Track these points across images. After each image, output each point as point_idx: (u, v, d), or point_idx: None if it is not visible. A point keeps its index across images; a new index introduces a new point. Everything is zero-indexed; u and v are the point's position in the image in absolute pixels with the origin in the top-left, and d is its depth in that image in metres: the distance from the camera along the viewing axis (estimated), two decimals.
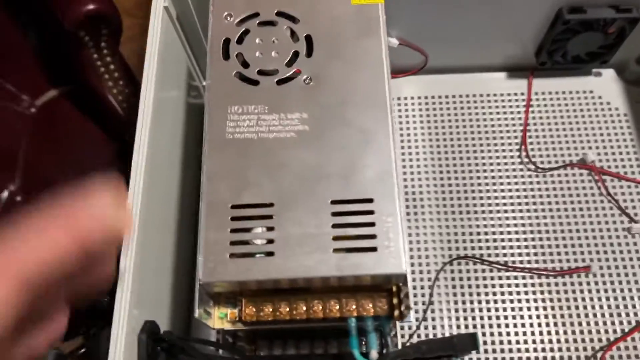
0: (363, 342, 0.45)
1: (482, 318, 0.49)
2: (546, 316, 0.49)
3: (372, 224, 0.38)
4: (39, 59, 1.04)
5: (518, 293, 0.50)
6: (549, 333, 0.48)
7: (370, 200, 0.39)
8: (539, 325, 0.49)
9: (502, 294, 0.50)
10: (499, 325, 0.49)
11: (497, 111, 0.57)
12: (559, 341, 0.48)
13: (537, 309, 0.49)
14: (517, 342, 0.48)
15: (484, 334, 0.49)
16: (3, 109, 0.95)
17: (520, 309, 0.49)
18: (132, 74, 0.99)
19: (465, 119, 0.57)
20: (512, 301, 0.50)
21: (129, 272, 0.39)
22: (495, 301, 0.50)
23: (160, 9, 0.48)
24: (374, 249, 0.37)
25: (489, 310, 0.50)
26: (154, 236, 0.44)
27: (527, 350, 0.48)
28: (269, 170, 0.40)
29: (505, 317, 0.49)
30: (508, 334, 0.49)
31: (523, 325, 0.49)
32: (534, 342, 0.48)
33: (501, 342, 0.48)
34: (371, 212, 0.38)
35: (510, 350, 0.48)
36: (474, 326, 0.49)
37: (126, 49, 0.95)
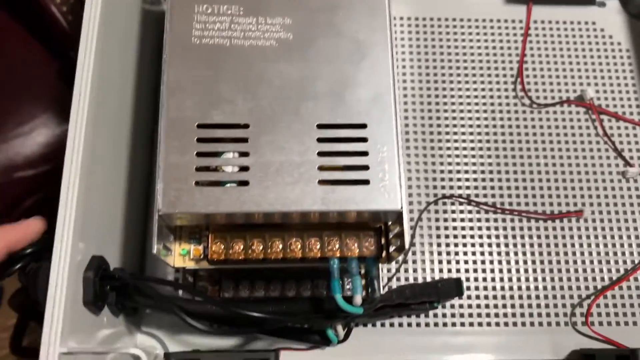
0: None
1: (466, 262, 0.46)
2: (534, 262, 0.46)
3: (364, 153, 0.33)
4: None
5: (505, 237, 0.46)
6: (535, 280, 0.45)
7: (363, 126, 0.33)
8: (526, 271, 0.46)
9: (489, 237, 0.46)
10: (484, 270, 0.46)
11: (492, 38, 0.52)
12: (545, 288, 0.45)
13: (524, 253, 0.46)
14: (502, 288, 0.45)
15: (467, 279, 0.45)
16: None
17: (507, 253, 0.46)
18: None
19: (458, 45, 0.51)
20: (498, 245, 0.46)
21: (71, 199, 0.32)
22: (482, 244, 0.46)
23: None
24: (366, 182, 0.32)
25: (474, 254, 0.46)
26: (102, 160, 0.37)
27: (512, 297, 0.45)
28: (244, 85, 0.33)
29: (491, 262, 0.46)
30: (493, 279, 0.45)
31: (509, 270, 0.46)
32: (519, 288, 0.45)
33: (485, 288, 0.45)
34: (364, 140, 0.33)
35: (495, 297, 0.45)
36: (458, 270, 0.45)
37: None
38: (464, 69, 0.51)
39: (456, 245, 0.46)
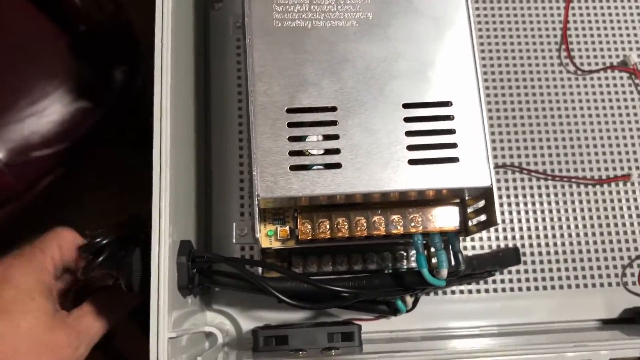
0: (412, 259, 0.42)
1: (520, 229, 0.47)
2: (584, 226, 0.47)
3: (451, 132, 0.33)
4: None
5: (557, 202, 0.48)
6: (587, 243, 0.47)
7: (448, 104, 0.34)
8: (577, 235, 0.47)
9: (541, 203, 0.48)
10: (537, 236, 0.47)
11: (535, 6, 0.52)
12: (596, 250, 0.47)
13: (575, 218, 0.48)
14: (556, 252, 0.47)
15: (522, 246, 0.47)
16: None
17: (559, 218, 0.48)
18: None
19: (502, 13, 0.51)
20: (550, 211, 0.48)
21: (164, 187, 0.32)
22: (534, 211, 0.47)
23: None
24: (455, 160, 0.33)
25: (527, 220, 0.47)
26: (180, 148, 0.37)
27: (565, 260, 0.47)
28: (328, 67, 0.34)
29: (544, 228, 0.47)
30: (547, 244, 0.47)
31: (562, 235, 0.47)
32: (572, 252, 0.47)
33: (540, 253, 0.47)
34: (450, 118, 0.33)
35: (549, 261, 0.47)
36: (513, 237, 0.47)
37: None
38: (509, 37, 0.51)
39: (510, 213, 0.47)
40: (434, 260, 0.36)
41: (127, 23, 0.86)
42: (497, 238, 0.47)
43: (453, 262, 0.36)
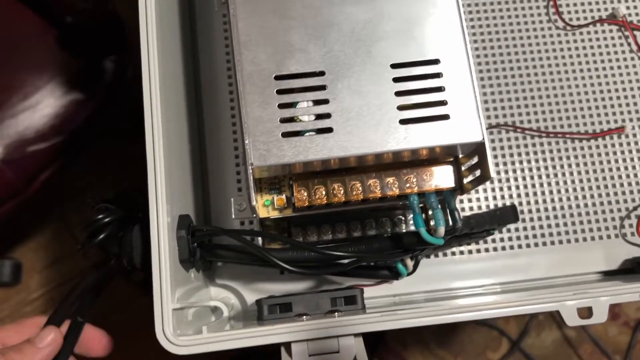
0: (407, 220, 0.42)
1: (517, 187, 0.47)
2: (581, 180, 0.48)
3: (441, 89, 0.33)
4: None
5: (552, 159, 0.48)
6: (584, 197, 0.47)
7: (436, 61, 0.34)
8: (574, 190, 0.47)
9: (537, 160, 0.48)
10: (534, 193, 0.47)
11: None
12: (594, 204, 0.47)
13: (571, 173, 0.48)
14: (554, 208, 0.47)
15: (520, 204, 0.47)
16: None
17: (555, 174, 0.48)
18: None
19: None
20: (546, 167, 0.48)
21: (158, 165, 0.33)
22: (530, 169, 0.48)
23: None
24: (446, 117, 0.33)
25: (523, 179, 0.47)
26: (171, 124, 0.37)
27: (563, 216, 0.47)
28: (314, 31, 0.33)
29: (541, 185, 0.47)
30: (544, 200, 0.47)
31: (559, 191, 0.47)
32: (569, 207, 0.47)
33: (538, 210, 0.47)
34: (439, 75, 0.33)
35: (547, 217, 0.47)
36: (510, 196, 0.47)
37: None
38: None
39: (506, 172, 0.48)
40: (432, 223, 0.36)
41: (113, 12, 0.86)
42: (495, 197, 0.47)
43: (450, 221, 0.37)
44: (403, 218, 0.42)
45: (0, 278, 1.18)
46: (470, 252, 0.46)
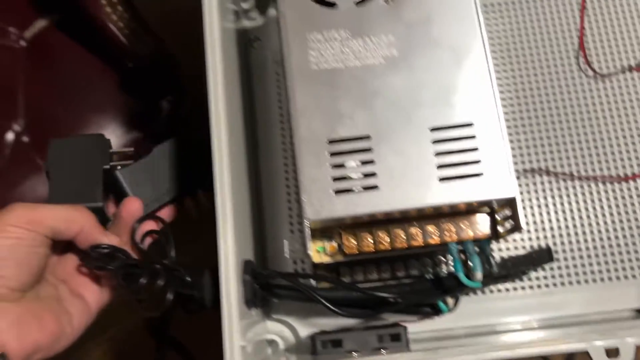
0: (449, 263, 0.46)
1: (551, 228, 0.50)
2: (613, 221, 0.50)
3: (475, 150, 0.37)
4: None
5: (585, 201, 0.51)
6: (616, 237, 0.50)
7: (470, 125, 0.38)
8: (607, 230, 0.50)
9: (570, 202, 0.51)
10: (568, 234, 0.50)
11: (551, 16, 0.55)
12: (626, 244, 0.50)
13: (604, 215, 0.50)
14: (587, 248, 0.50)
15: (554, 243, 0.50)
16: None
17: (588, 216, 0.50)
18: None
19: (520, 27, 0.55)
20: (579, 209, 0.51)
21: (228, 213, 0.37)
22: (564, 210, 0.51)
23: None
24: (479, 175, 0.37)
25: (557, 220, 0.50)
26: (236, 173, 0.42)
27: (596, 255, 0.49)
28: (361, 101, 0.38)
29: (574, 226, 0.50)
30: (578, 241, 0.50)
31: (592, 232, 0.50)
32: (602, 247, 0.50)
33: (572, 250, 0.50)
34: (473, 137, 0.37)
35: (581, 257, 0.50)
36: (545, 237, 0.50)
37: None
38: (528, 49, 0.54)
39: (540, 214, 0.51)
40: (469, 264, 0.40)
41: (170, 57, 0.93)
42: (530, 239, 0.50)
43: (487, 265, 0.40)
44: (444, 259, 0.46)
45: None
46: (507, 290, 0.49)
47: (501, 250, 0.50)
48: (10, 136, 0.81)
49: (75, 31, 0.92)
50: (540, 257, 0.47)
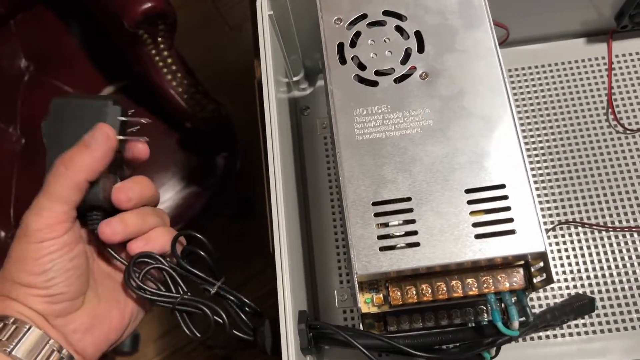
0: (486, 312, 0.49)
1: (588, 277, 0.53)
2: None
3: (507, 209, 0.41)
4: (88, 57, 1.07)
5: (620, 251, 0.53)
6: None
7: (502, 186, 0.42)
8: None
9: (605, 253, 0.53)
10: (605, 283, 0.53)
11: (579, 77, 0.59)
12: None
13: (639, 264, 0.53)
14: (625, 296, 0.52)
15: (592, 292, 0.52)
16: None
17: (624, 265, 0.53)
18: (187, 65, 1.02)
19: (550, 88, 0.59)
20: (615, 259, 0.53)
21: (285, 268, 0.42)
22: (600, 261, 0.53)
23: (266, 16, 0.50)
24: (512, 232, 0.40)
25: (594, 270, 0.53)
26: (290, 229, 0.47)
27: (635, 303, 0.52)
28: (401, 166, 0.43)
29: (611, 275, 0.53)
30: (615, 289, 0.52)
31: (629, 280, 0.52)
32: (639, 295, 0.52)
33: (609, 298, 0.52)
34: (505, 198, 0.41)
35: (619, 305, 0.52)
36: (582, 286, 0.53)
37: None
38: (559, 108, 0.58)
39: (577, 264, 0.53)
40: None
41: (226, 117, 1.01)
42: (568, 287, 0.53)
43: (524, 316, 0.43)
44: (485, 308, 0.49)
45: (122, 348, 1.32)
46: (547, 337, 0.52)
47: (540, 299, 0.53)
48: None
49: (140, 96, 1.02)
50: (583, 307, 0.49)
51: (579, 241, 0.54)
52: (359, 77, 0.45)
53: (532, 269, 0.43)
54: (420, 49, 0.46)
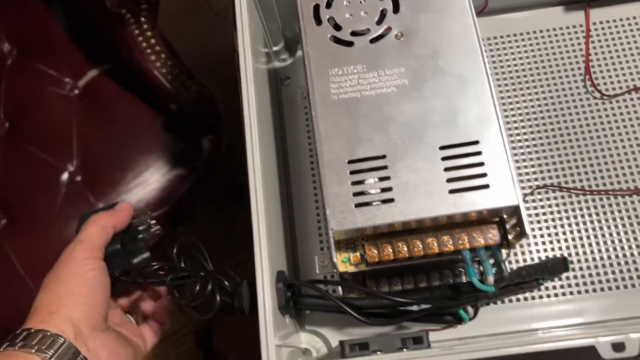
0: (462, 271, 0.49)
1: (565, 240, 0.53)
2: (626, 232, 0.53)
3: (481, 164, 0.41)
4: (71, 41, 1.06)
5: (597, 214, 0.54)
6: (630, 247, 0.53)
7: (476, 142, 0.42)
8: (620, 241, 0.53)
9: (582, 216, 0.54)
10: (582, 245, 0.53)
11: (558, 45, 0.59)
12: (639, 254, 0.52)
13: (616, 226, 0.53)
14: (601, 258, 0.52)
15: (569, 254, 0.53)
16: (48, 94, 0.98)
17: (601, 228, 0.53)
18: (171, 46, 1.01)
19: (528, 55, 0.59)
20: (592, 222, 0.54)
21: (262, 229, 0.42)
22: (577, 223, 0.54)
23: None
24: (486, 186, 0.41)
25: (571, 232, 0.54)
26: (268, 192, 0.47)
27: (610, 264, 0.52)
28: (377, 125, 0.43)
29: (588, 237, 0.53)
30: (592, 252, 0.53)
31: (605, 242, 0.53)
32: (616, 256, 0.52)
33: (586, 260, 0.53)
34: (479, 153, 0.42)
35: (596, 267, 0.52)
36: (559, 248, 0.53)
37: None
38: (537, 75, 0.59)
39: (554, 227, 0.54)
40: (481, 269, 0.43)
41: (211, 99, 1.01)
42: (545, 250, 0.53)
43: (500, 271, 0.44)
44: (463, 270, 0.50)
45: None
46: (526, 299, 0.52)
47: (518, 262, 0.53)
48: (65, 176, 0.89)
49: (124, 78, 1.01)
50: (556, 266, 0.50)
51: (557, 205, 0.54)
52: (334, 37, 0.46)
53: (507, 226, 0.44)
54: (396, 9, 0.46)
